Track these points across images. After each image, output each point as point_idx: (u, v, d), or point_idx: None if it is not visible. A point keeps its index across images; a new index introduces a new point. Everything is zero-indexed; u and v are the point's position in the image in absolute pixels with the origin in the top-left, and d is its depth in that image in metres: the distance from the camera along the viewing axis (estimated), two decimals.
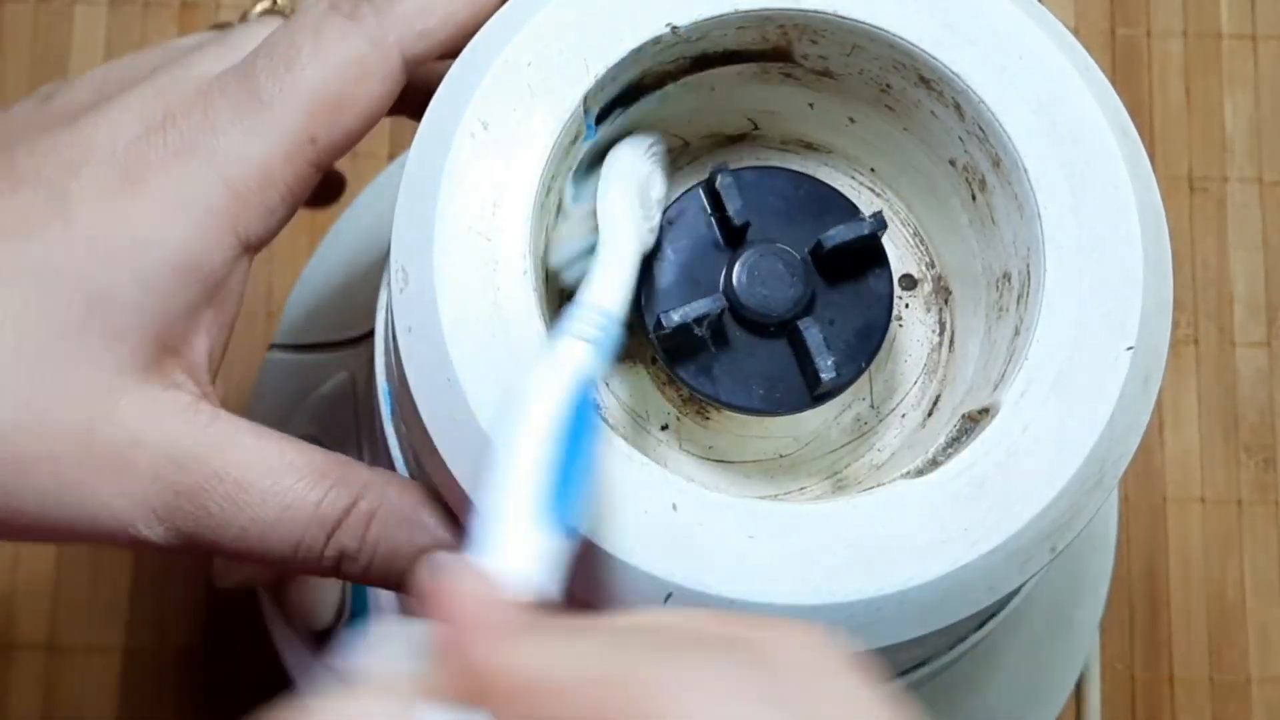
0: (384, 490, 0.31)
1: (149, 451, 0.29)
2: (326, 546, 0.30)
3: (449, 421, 0.29)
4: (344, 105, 0.31)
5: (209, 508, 0.30)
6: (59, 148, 0.31)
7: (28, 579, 0.52)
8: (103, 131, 0.31)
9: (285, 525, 0.30)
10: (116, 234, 0.30)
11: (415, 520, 0.30)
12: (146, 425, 0.30)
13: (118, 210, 0.30)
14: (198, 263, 0.30)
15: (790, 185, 0.33)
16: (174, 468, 0.29)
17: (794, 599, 0.28)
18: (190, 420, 0.30)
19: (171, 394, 0.30)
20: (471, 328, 0.29)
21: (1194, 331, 0.57)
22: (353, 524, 0.30)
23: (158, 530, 0.30)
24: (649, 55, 0.31)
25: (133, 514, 0.30)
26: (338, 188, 0.42)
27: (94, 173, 0.30)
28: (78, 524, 0.30)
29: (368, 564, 0.30)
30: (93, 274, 0.30)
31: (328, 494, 0.30)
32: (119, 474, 0.29)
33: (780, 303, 0.31)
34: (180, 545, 0.30)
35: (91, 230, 0.30)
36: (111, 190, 0.30)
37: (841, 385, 0.32)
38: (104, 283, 0.30)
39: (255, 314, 0.55)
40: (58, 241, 0.30)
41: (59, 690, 0.52)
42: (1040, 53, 0.31)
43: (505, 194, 0.30)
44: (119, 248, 0.30)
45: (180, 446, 0.30)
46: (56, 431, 0.29)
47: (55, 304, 0.29)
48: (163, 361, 0.30)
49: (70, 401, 0.29)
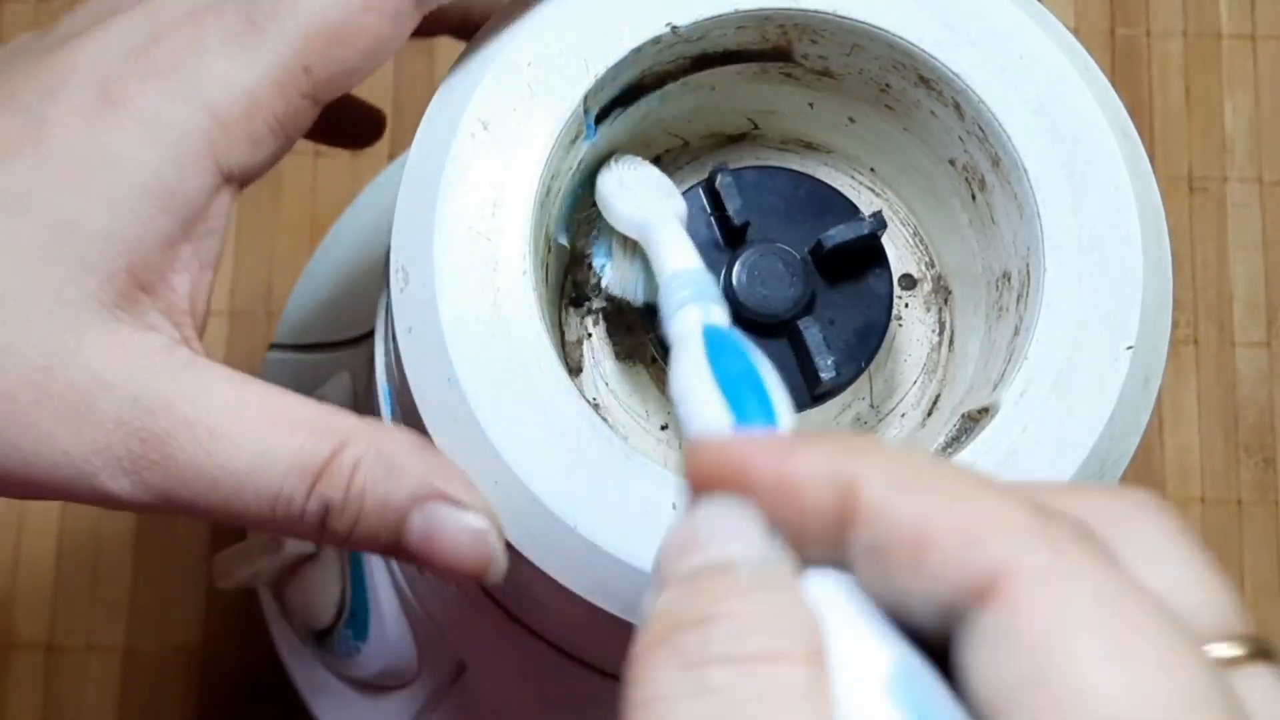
0: (371, 436, 0.28)
1: (113, 395, 0.27)
2: (309, 500, 0.27)
3: (449, 421, 0.29)
4: (345, 36, 0.29)
5: (176, 457, 0.27)
6: (39, 73, 0.29)
7: (27, 579, 0.52)
8: (86, 54, 0.29)
9: (261, 475, 0.27)
10: (87, 156, 0.28)
11: (405, 468, 0.28)
12: (112, 366, 0.27)
13: (90, 132, 0.28)
14: (171, 188, 0.28)
15: (790, 185, 0.33)
16: (140, 413, 0.27)
17: None
18: (162, 363, 0.28)
19: (143, 334, 0.28)
20: (471, 327, 0.29)
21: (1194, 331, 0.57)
22: (336, 473, 0.27)
23: (123, 483, 0.27)
24: (649, 55, 0.31)
25: (95, 463, 0.27)
26: (377, 127, 0.39)
27: (70, 95, 0.28)
28: (36, 472, 0.27)
29: (355, 517, 0.28)
30: (60, 200, 0.28)
31: (308, 440, 0.27)
32: (80, 418, 0.27)
33: (780, 302, 0.32)
34: (151, 502, 0.28)
35: (62, 154, 0.28)
36: (87, 112, 0.28)
37: (841, 385, 0.32)
38: (72, 209, 0.28)
39: (255, 314, 0.55)
40: (27, 167, 0.28)
41: (58, 690, 0.52)
42: (1040, 53, 0.31)
43: (505, 194, 0.30)
44: (88, 171, 0.28)
45: (148, 391, 0.27)
46: (12, 369, 0.27)
47: (19, 232, 0.27)
48: (136, 298, 0.28)
49: (29, 337, 0.27)
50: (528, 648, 0.34)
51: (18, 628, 0.52)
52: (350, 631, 0.41)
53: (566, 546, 0.28)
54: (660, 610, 0.19)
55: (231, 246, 0.55)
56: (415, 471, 0.28)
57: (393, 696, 0.43)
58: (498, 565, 0.28)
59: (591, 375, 0.34)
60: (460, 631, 0.39)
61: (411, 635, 0.41)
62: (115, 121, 0.28)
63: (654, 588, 0.20)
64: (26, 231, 0.27)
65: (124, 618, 0.52)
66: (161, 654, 0.52)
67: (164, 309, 0.29)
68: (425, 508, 0.28)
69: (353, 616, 0.41)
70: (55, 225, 0.27)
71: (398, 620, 0.41)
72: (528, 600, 0.32)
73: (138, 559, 0.52)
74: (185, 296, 0.29)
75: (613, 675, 0.33)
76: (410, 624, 0.41)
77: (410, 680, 0.42)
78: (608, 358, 0.34)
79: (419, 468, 0.28)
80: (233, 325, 0.55)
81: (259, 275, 0.56)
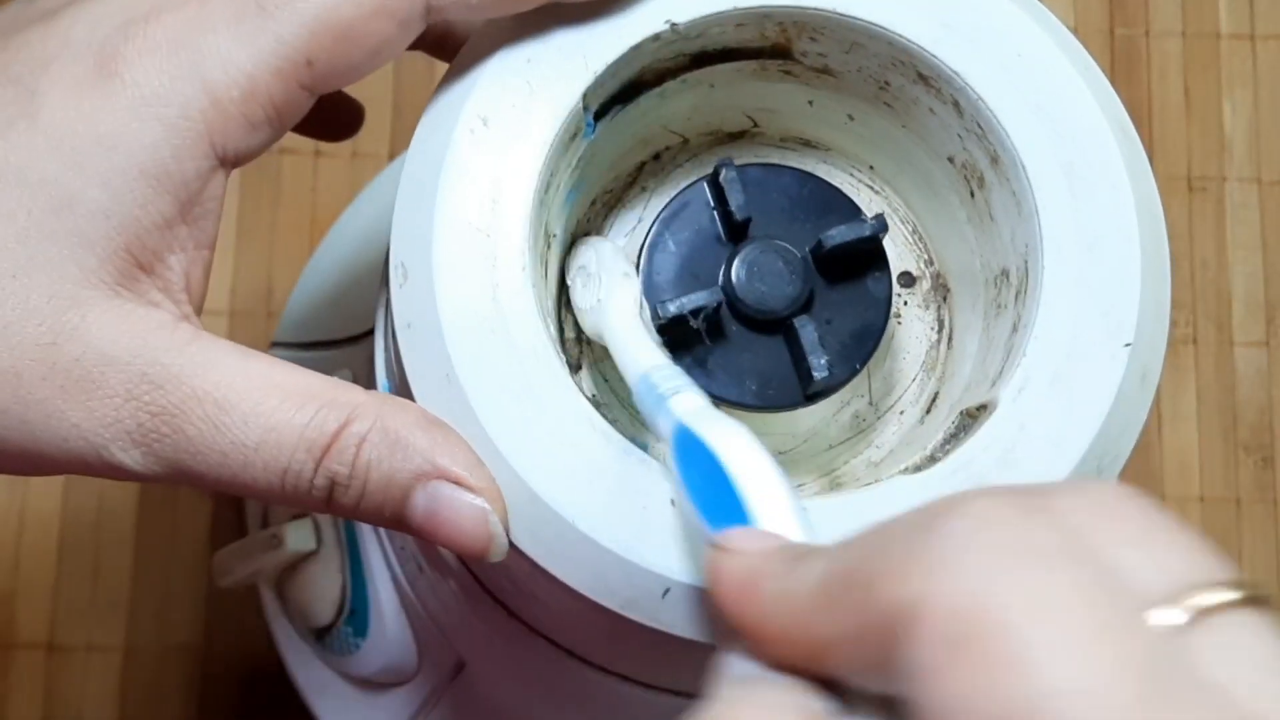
0: (379, 411, 0.28)
1: (121, 370, 0.27)
2: (316, 474, 0.28)
3: (448, 417, 0.29)
4: (352, 36, 0.28)
5: (186, 430, 0.27)
6: (32, 43, 0.28)
7: (28, 578, 0.52)
8: (81, 25, 0.28)
9: (269, 449, 0.27)
10: (83, 133, 0.27)
11: (412, 444, 0.28)
12: (118, 341, 0.27)
13: (85, 107, 0.28)
14: (168, 170, 0.28)
15: (794, 183, 0.34)
16: (149, 387, 0.27)
17: None
18: (168, 338, 0.28)
19: (147, 310, 0.28)
20: (470, 323, 0.29)
21: (1193, 330, 0.57)
22: (343, 447, 0.28)
23: (134, 455, 0.28)
24: (648, 52, 0.31)
25: (104, 436, 0.27)
26: (356, 118, 0.39)
27: (64, 68, 0.28)
28: (46, 448, 0.28)
29: (360, 493, 0.28)
30: (58, 177, 0.27)
31: (315, 415, 0.28)
32: (87, 393, 0.27)
33: (778, 300, 0.32)
34: (160, 474, 0.28)
35: (57, 129, 0.27)
36: (81, 85, 0.28)
37: (834, 385, 0.32)
38: (70, 187, 0.27)
39: (256, 312, 0.55)
40: (21, 141, 0.27)
41: (59, 689, 0.52)
42: (1039, 51, 0.31)
43: (504, 190, 0.30)
44: (84, 148, 0.27)
45: (157, 365, 0.27)
46: (15, 346, 0.27)
47: (15, 208, 0.27)
48: (136, 277, 0.28)
49: (31, 313, 0.27)
50: (527, 645, 0.34)
51: (18, 627, 0.52)
52: (350, 629, 0.41)
53: (565, 542, 0.28)
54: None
55: (231, 246, 0.55)
56: (420, 448, 0.28)
57: (392, 694, 0.43)
58: (499, 544, 0.28)
59: (590, 371, 0.34)
60: (460, 629, 0.39)
61: (411, 633, 0.41)
62: (111, 97, 0.28)
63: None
64: (23, 207, 0.27)
65: (124, 616, 0.52)
66: (162, 653, 0.52)
67: (162, 287, 0.29)
68: (428, 485, 0.28)
69: (353, 614, 0.41)
70: (53, 202, 0.27)
71: (397, 618, 0.41)
72: (526, 596, 0.32)
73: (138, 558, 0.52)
74: (182, 276, 0.29)
75: (612, 672, 0.33)
76: (410, 621, 0.41)
77: (410, 677, 0.42)
78: (606, 354, 0.34)
79: (424, 444, 0.28)
80: (233, 324, 0.56)
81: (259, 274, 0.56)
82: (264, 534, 0.42)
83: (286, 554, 0.41)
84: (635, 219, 0.35)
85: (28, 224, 0.27)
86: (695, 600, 0.28)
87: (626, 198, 0.36)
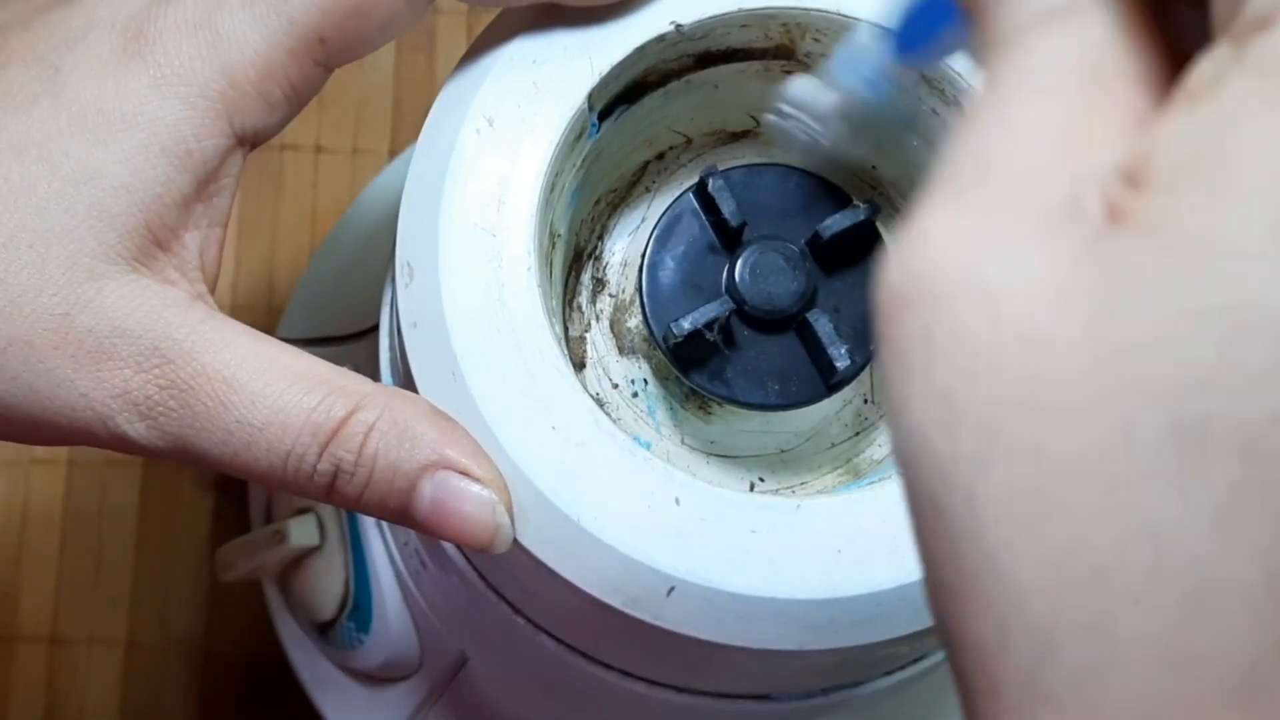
0: (387, 401, 0.28)
1: (133, 342, 0.28)
2: (320, 460, 0.28)
3: (454, 415, 0.29)
4: (362, 11, 0.29)
5: (194, 406, 0.27)
6: (55, 23, 0.29)
7: (31, 572, 0.52)
8: (106, 5, 0.29)
9: (274, 430, 0.27)
10: (106, 110, 0.28)
11: (420, 435, 0.28)
12: (133, 315, 0.28)
13: (109, 85, 0.28)
14: (188, 148, 0.28)
15: (780, 179, 0.33)
16: (160, 360, 0.28)
17: (796, 593, 0.28)
18: (182, 315, 0.28)
19: (162, 287, 0.28)
20: (476, 322, 0.29)
21: None
22: (349, 435, 0.28)
23: (139, 427, 0.28)
24: (653, 53, 0.32)
25: (111, 406, 0.28)
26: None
27: (89, 47, 0.28)
28: (55, 416, 0.28)
29: (365, 482, 0.28)
30: (80, 152, 0.28)
31: (323, 400, 0.28)
32: (98, 363, 0.27)
33: (785, 297, 0.32)
34: (164, 448, 0.28)
35: (80, 105, 0.28)
36: (105, 64, 0.28)
37: (855, 372, 0.32)
38: (92, 162, 0.28)
39: (257, 308, 0.55)
40: (45, 116, 0.28)
41: (61, 682, 0.52)
42: None
43: (510, 190, 0.30)
44: (107, 125, 0.28)
45: (169, 340, 0.28)
46: (30, 314, 0.27)
47: (37, 181, 0.28)
48: (154, 254, 0.29)
49: (46, 285, 0.27)
50: (529, 640, 0.34)
51: (21, 620, 0.52)
52: (353, 624, 0.42)
53: (569, 540, 0.28)
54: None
55: (233, 241, 0.56)
56: (428, 439, 0.28)
57: (395, 688, 0.43)
58: (505, 535, 0.28)
59: (595, 370, 0.34)
60: (462, 624, 0.39)
61: (414, 628, 0.41)
62: (133, 76, 0.28)
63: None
64: (44, 180, 0.28)
65: (127, 610, 0.52)
66: (164, 646, 0.52)
67: (178, 265, 0.29)
68: (436, 477, 0.28)
69: (356, 609, 0.41)
70: (74, 176, 0.28)
71: (400, 613, 0.41)
72: (529, 593, 0.32)
73: (140, 552, 0.52)
74: (196, 253, 0.29)
75: (615, 668, 0.33)
76: (413, 617, 0.41)
77: (412, 672, 0.42)
78: (611, 352, 0.34)
79: (432, 436, 0.28)
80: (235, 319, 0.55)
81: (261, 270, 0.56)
82: (268, 529, 0.42)
83: (290, 549, 0.41)
84: (639, 218, 0.36)
85: (48, 196, 0.28)
86: (699, 599, 0.28)
87: (630, 197, 0.36)
